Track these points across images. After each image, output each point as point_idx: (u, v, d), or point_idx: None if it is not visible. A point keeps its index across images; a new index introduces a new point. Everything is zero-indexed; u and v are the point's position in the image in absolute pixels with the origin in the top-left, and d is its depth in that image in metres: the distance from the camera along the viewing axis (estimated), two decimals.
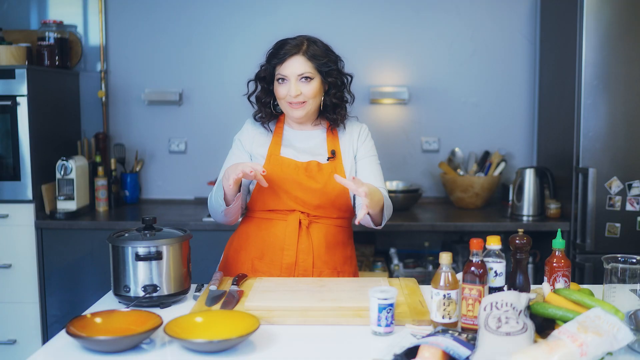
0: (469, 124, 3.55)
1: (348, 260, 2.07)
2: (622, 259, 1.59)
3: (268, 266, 2.00)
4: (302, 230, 1.98)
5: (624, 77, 2.78)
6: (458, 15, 3.51)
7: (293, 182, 1.96)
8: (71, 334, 1.41)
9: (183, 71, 3.55)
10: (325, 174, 1.98)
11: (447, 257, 1.50)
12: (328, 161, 2.01)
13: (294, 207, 1.98)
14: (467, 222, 3.03)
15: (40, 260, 3.02)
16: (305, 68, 1.96)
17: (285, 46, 1.97)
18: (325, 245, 2.00)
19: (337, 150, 2.04)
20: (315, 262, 1.99)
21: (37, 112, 3.04)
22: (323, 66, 1.98)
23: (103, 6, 3.51)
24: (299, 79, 1.96)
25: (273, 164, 2.00)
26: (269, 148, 2.04)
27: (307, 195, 1.97)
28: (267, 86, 2.05)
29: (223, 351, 1.40)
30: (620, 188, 2.81)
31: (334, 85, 2.02)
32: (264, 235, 2.01)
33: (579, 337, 1.25)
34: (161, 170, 3.61)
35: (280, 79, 1.98)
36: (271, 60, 2.00)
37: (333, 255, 2.02)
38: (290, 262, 1.97)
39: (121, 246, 1.69)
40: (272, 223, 2.00)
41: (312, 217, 1.99)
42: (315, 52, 1.98)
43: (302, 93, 1.96)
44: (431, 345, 1.31)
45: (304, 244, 1.98)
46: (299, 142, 2.06)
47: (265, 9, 3.52)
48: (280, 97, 1.99)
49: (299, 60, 1.96)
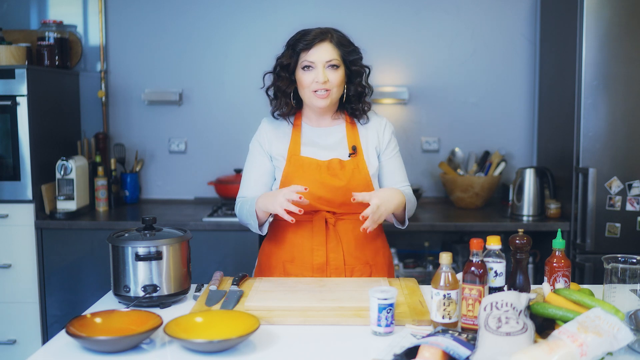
0: (469, 124, 3.55)
1: (380, 252, 2.05)
2: (622, 259, 1.59)
3: (299, 268, 1.98)
4: (329, 229, 1.96)
5: (624, 77, 2.78)
6: (458, 15, 3.51)
7: (316, 182, 1.94)
8: (71, 334, 1.41)
9: (183, 71, 3.55)
10: (348, 170, 1.96)
11: (447, 257, 1.50)
12: (350, 157, 1.99)
13: (318, 207, 1.96)
14: (467, 222, 3.03)
15: (40, 260, 3.02)
16: (333, 55, 1.94)
17: (311, 32, 1.95)
18: (354, 241, 1.98)
19: (358, 145, 2.01)
20: (346, 259, 1.97)
21: (37, 112, 3.04)
22: (349, 54, 1.97)
23: (103, 6, 3.51)
24: (326, 66, 1.93)
25: (294, 165, 1.98)
26: (288, 148, 2.01)
27: (330, 193, 1.94)
28: (289, 76, 2.00)
29: (223, 351, 1.40)
30: (620, 188, 2.81)
31: (358, 74, 2.01)
32: (292, 238, 1.99)
33: (579, 337, 1.25)
34: (161, 170, 3.62)
35: (306, 66, 1.95)
36: (296, 47, 1.95)
37: (364, 250, 2.00)
38: (321, 262, 1.96)
39: (121, 246, 1.69)
40: (298, 225, 1.97)
41: (338, 215, 1.97)
42: (341, 40, 1.97)
43: (328, 80, 1.93)
44: (431, 345, 1.31)
45: (333, 242, 1.96)
46: (319, 139, 2.03)
47: (265, 9, 3.52)
48: (305, 86, 1.95)
49: (326, 47, 1.94)
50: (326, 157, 1.99)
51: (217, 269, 2.76)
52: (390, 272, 2.10)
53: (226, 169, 3.54)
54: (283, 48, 2.02)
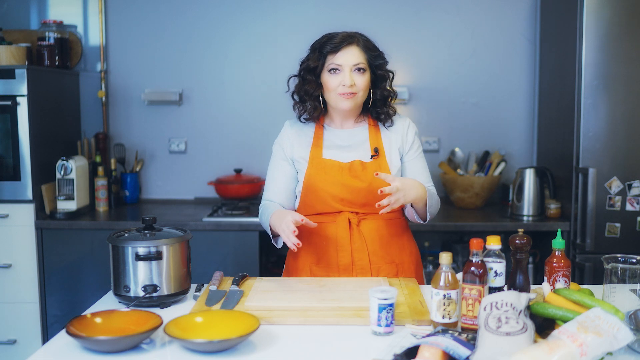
0: (469, 124, 3.55)
1: (406, 251, 2.04)
2: (622, 259, 1.59)
3: (325, 270, 1.98)
4: (352, 229, 1.96)
5: (624, 77, 2.78)
6: (458, 15, 3.51)
7: (338, 184, 1.94)
8: (71, 334, 1.41)
9: (183, 71, 3.55)
10: (369, 172, 1.95)
11: (447, 257, 1.50)
12: (372, 159, 1.99)
13: (341, 209, 1.96)
14: (467, 222, 3.03)
15: (40, 260, 3.02)
16: (360, 59, 1.94)
17: (338, 35, 1.95)
18: (379, 240, 1.97)
19: (380, 148, 2.01)
20: (372, 258, 1.97)
21: (37, 112, 3.04)
22: (375, 59, 1.98)
23: (103, 6, 3.51)
24: (353, 69, 1.94)
25: (316, 167, 1.98)
26: (310, 151, 2.02)
27: (352, 195, 1.94)
28: (315, 79, 2.00)
29: (223, 351, 1.40)
30: (620, 188, 2.81)
31: (383, 79, 2.01)
32: (316, 239, 1.99)
33: (579, 337, 1.25)
34: (161, 170, 3.62)
35: (332, 69, 1.95)
36: (323, 49, 1.95)
37: (389, 249, 1.99)
38: (347, 263, 1.96)
39: (121, 246, 1.69)
40: (322, 226, 1.97)
41: (361, 215, 1.97)
42: (367, 44, 1.98)
43: (355, 84, 1.94)
44: (431, 345, 1.31)
45: (357, 242, 1.96)
46: (341, 141, 2.03)
47: (265, 9, 3.52)
48: (331, 89, 1.95)
49: (353, 50, 1.94)
50: (348, 159, 1.99)
51: (217, 269, 2.76)
52: (418, 271, 2.08)
53: (226, 169, 3.54)
54: (307, 51, 2.02)
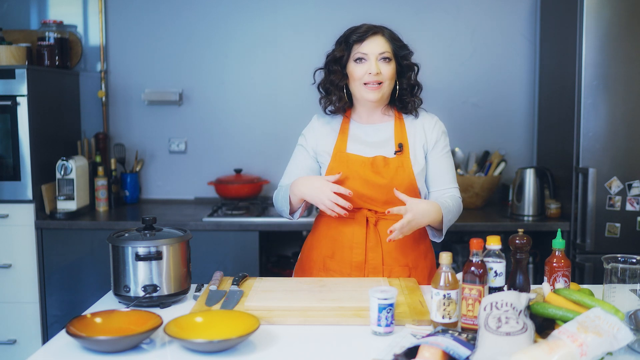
0: (469, 124, 3.55)
1: (422, 256, 2.02)
2: (622, 259, 1.59)
3: (339, 265, 1.98)
4: (369, 228, 1.96)
5: (624, 77, 2.78)
6: (458, 15, 3.51)
7: (359, 179, 1.94)
8: (71, 334, 1.41)
9: (183, 71, 3.55)
10: (392, 168, 1.94)
11: (447, 257, 1.50)
12: (395, 155, 1.97)
13: (361, 205, 1.95)
14: (467, 222, 3.03)
15: (40, 260, 3.02)
16: (385, 47, 1.95)
17: (364, 26, 1.96)
18: (395, 242, 1.95)
19: (405, 143, 1.99)
20: (385, 259, 1.96)
21: (37, 112, 3.04)
22: (400, 49, 1.99)
23: (103, 6, 3.51)
24: (379, 58, 1.94)
25: (339, 161, 1.98)
26: (335, 145, 2.01)
27: (373, 191, 1.93)
28: (341, 69, 2.00)
29: (223, 351, 1.40)
30: (620, 188, 2.81)
31: (409, 69, 2.02)
32: (334, 234, 2.00)
33: (579, 337, 1.25)
34: (161, 170, 3.62)
35: (358, 58, 1.95)
36: (350, 38, 1.96)
37: (405, 251, 1.98)
38: (360, 261, 1.96)
39: (121, 246, 1.69)
40: (341, 221, 1.97)
41: (379, 215, 1.96)
42: (392, 35, 1.99)
43: (381, 72, 1.93)
44: (431, 345, 1.31)
45: (372, 242, 1.96)
46: (367, 136, 2.02)
47: (265, 9, 3.52)
48: (357, 78, 1.95)
49: (379, 40, 1.95)
50: (372, 154, 1.98)
51: (217, 269, 2.76)
52: (432, 277, 2.05)
53: (226, 169, 3.54)
54: (333, 46, 2.02)
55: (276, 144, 3.50)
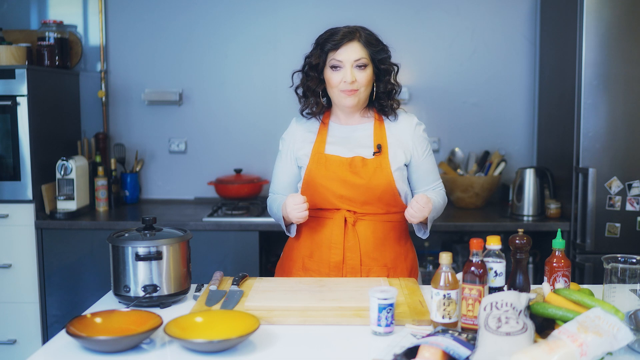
0: (469, 124, 3.55)
1: (401, 257, 2.03)
2: (622, 259, 1.59)
3: (317, 264, 1.99)
4: (347, 228, 1.96)
5: (624, 77, 2.78)
6: (458, 15, 3.51)
7: (337, 180, 1.95)
8: (71, 334, 1.41)
9: (183, 71, 3.55)
10: (370, 169, 1.95)
11: (447, 257, 1.50)
12: (374, 156, 1.97)
13: (339, 206, 1.96)
14: (467, 222, 3.03)
15: (40, 260, 3.02)
16: (361, 54, 1.93)
17: (340, 32, 1.95)
18: (374, 242, 1.97)
19: (384, 144, 1.99)
20: (363, 259, 1.97)
21: (37, 112, 3.04)
22: (377, 53, 1.97)
23: (103, 6, 3.51)
24: (354, 65, 1.93)
25: (317, 162, 1.98)
26: (313, 146, 2.02)
27: (351, 192, 1.94)
28: (318, 75, 2.00)
29: (223, 351, 1.40)
30: (620, 188, 2.81)
31: (387, 72, 2.01)
32: (313, 234, 2.01)
33: (579, 337, 1.25)
34: (161, 170, 3.62)
35: (334, 66, 1.95)
36: (325, 46, 1.95)
37: (383, 252, 1.99)
38: (338, 261, 1.96)
39: (121, 246, 1.69)
40: (319, 222, 1.99)
41: (358, 215, 1.97)
42: (369, 39, 1.96)
43: (356, 80, 1.93)
44: (431, 345, 1.31)
45: (351, 242, 1.96)
46: (345, 137, 2.03)
47: (265, 9, 3.52)
48: (333, 85, 1.95)
49: (354, 46, 1.93)
50: (350, 154, 1.98)
51: (217, 269, 2.76)
52: (413, 278, 2.04)
53: (226, 169, 3.54)
54: (311, 46, 2.02)
55: (276, 144, 3.43)
